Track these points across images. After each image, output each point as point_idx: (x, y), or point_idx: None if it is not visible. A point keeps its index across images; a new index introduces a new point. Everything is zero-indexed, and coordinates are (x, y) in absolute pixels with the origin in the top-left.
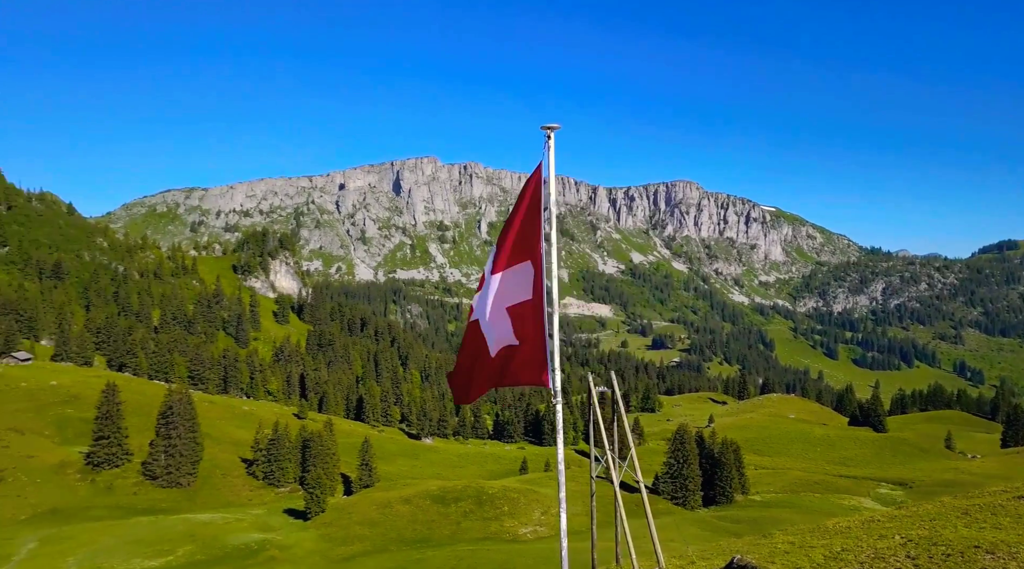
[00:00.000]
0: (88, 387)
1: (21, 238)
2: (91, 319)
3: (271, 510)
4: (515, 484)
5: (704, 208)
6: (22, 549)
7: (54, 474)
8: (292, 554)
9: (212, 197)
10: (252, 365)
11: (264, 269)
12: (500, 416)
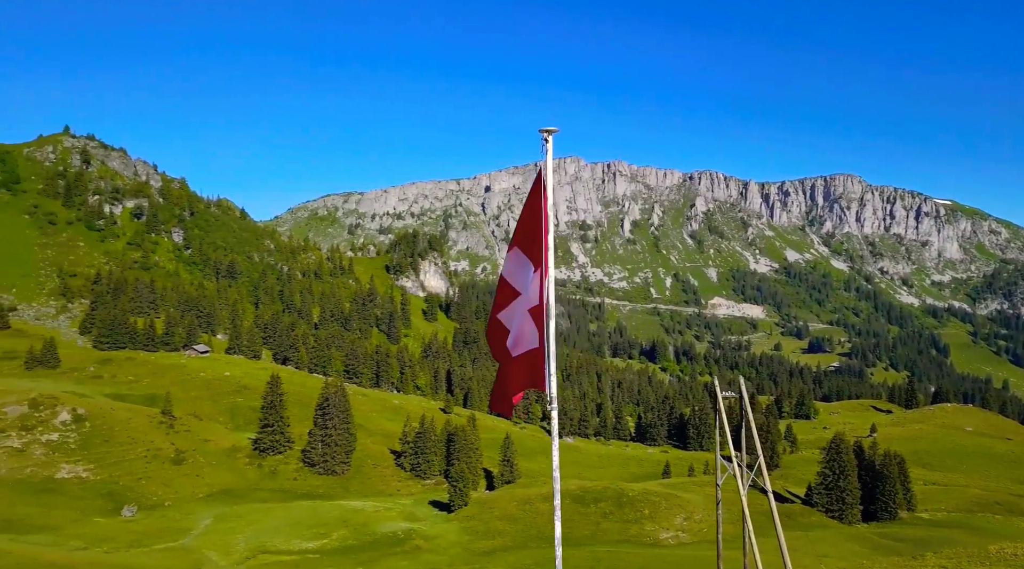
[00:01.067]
0: (256, 378)
1: (201, 241)
2: (259, 315)
3: (417, 501)
4: (656, 487)
5: (867, 202)
6: (200, 524)
7: (227, 457)
8: (436, 545)
9: (368, 201)
10: (402, 361)
11: (414, 269)
12: (643, 418)
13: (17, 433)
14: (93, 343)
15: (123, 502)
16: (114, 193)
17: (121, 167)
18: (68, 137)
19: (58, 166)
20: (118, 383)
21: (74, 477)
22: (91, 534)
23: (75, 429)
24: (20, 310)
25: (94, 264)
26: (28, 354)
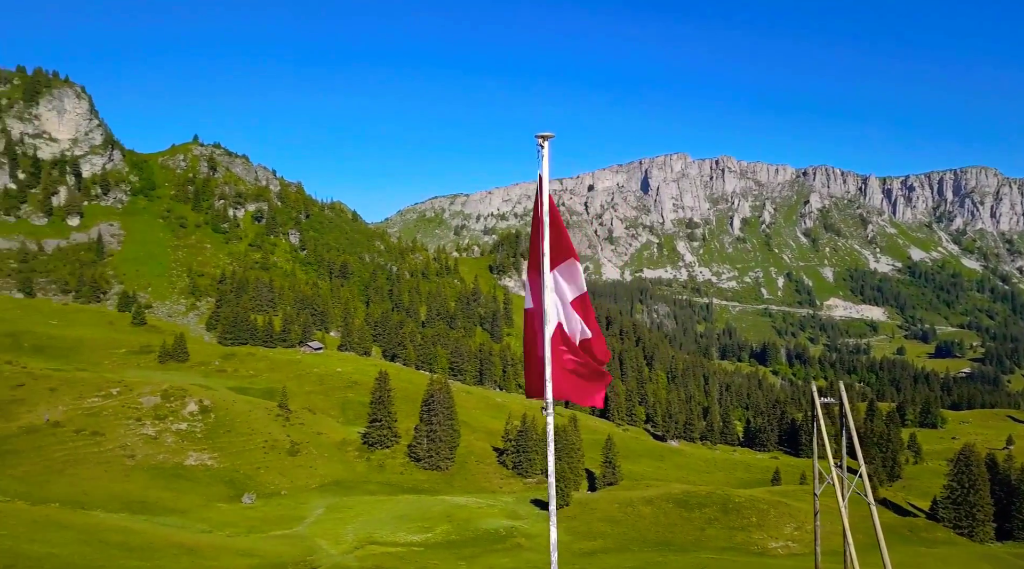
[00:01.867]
0: (366, 374)
1: (316, 242)
2: (370, 314)
3: (519, 499)
4: (765, 495)
5: (1004, 197)
6: (313, 513)
7: (337, 450)
8: (537, 543)
9: (473, 202)
10: (505, 359)
11: (516, 269)
12: (752, 423)
13: (151, 422)
14: (218, 339)
15: (243, 490)
16: (237, 197)
17: (244, 173)
18: (197, 145)
19: (188, 173)
20: (240, 377)
21: (200, 464)
22: (215, 519)
23: (201, 419)
24: (155, 307)
25: (219, 265)
26: (161, 348)
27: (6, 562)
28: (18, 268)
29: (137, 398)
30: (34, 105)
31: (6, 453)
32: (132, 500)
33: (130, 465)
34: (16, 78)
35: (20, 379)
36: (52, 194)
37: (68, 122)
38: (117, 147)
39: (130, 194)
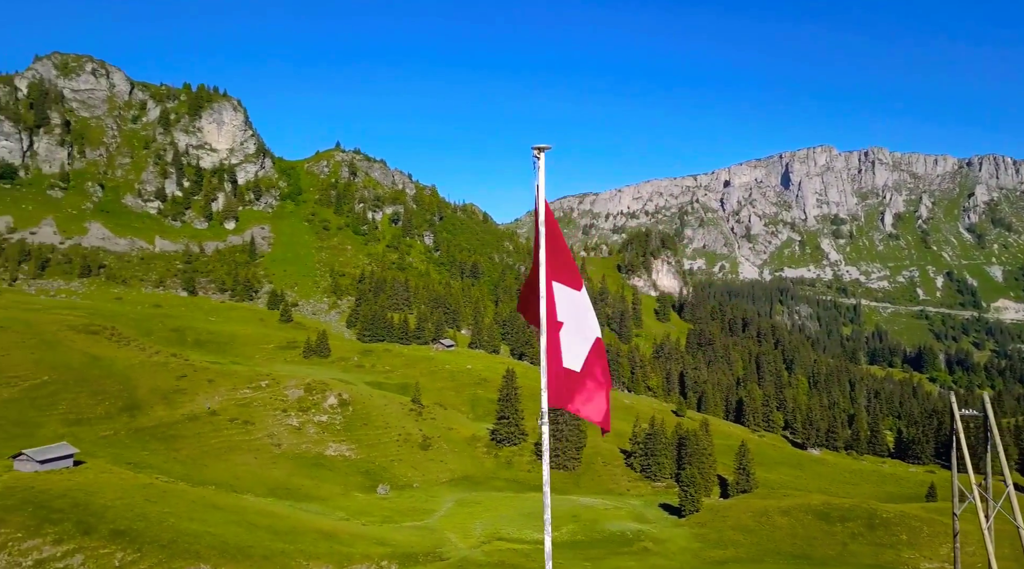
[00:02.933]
0: (494, 372)
1: (449, 244)
2: (499, 313)
3: (647, 502)
4: (918, 511)
5: None
6: (443, 506)
7: (467, 445)
8: (665, 548)
9: (602, 201)
10: (633, 360)
11: (646, 268)
12: (904, 433)
13: (296, 413)
14: (357, 336)
15: (378, 480)
16: (376, 201)
17: (382, 177)
18: (339, 152)
19: (331, 178)
20: (376, 372)
21: (339, 455)
22: (352, 507)
23: (340, 412)
24: (300, 305)
25: (359, 265)
26: (306, 344)
27: (169, 537)
28: (183, 268)
29: (283, 390)
30: (197, 118)
31: (171, 438)
32: (278, 486)
33: (276, 453)
34: (183, 94)
35: (183, 371)
36: (212, 200)
37: (226, 133)
38: (268, 155)
39: (279, 199)
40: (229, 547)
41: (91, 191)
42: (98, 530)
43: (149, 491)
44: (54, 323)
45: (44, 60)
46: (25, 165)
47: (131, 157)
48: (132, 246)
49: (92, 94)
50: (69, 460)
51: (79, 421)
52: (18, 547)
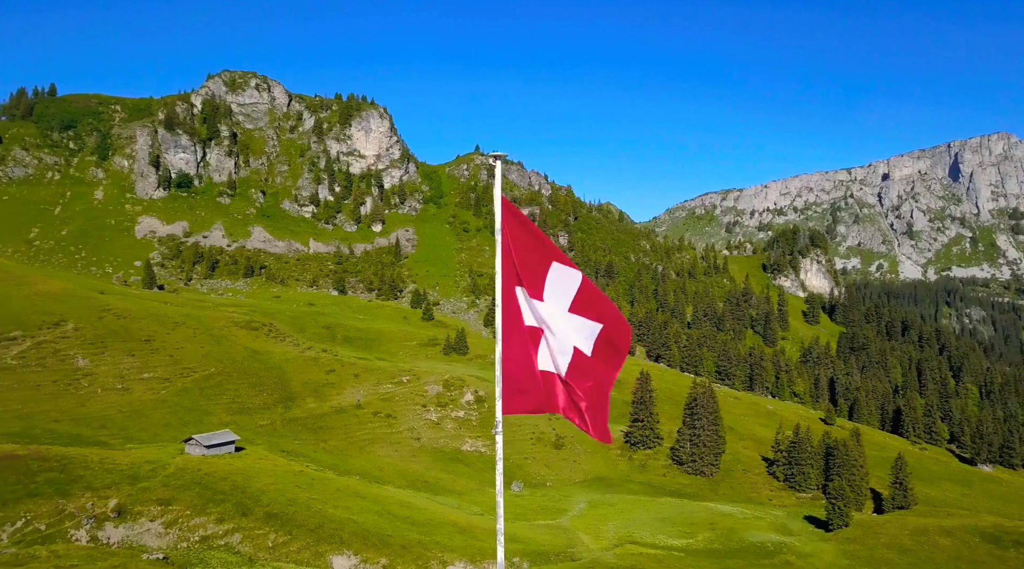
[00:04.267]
0: (629, 374)
1: (583, 243)
2: (634, 313)
3: (791, 514)
4: None
5: None
6: (575, 507)
7: (601, 447)
8: (809, 563)
9: (746, 197)
10: (778, 364)
11: (794, 267)
12: None
13: (435, 408)
14: (493, 334)
15: (512, 478)
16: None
17: (518, 179)
18: (478, 155)
19: (470, 181)
20: None
21: (475, 451)
22: (486, 503)
23: (476, 409)
24: (441, 304)
25: (493, 265)
26: (445, 341)
27: (316, 522)
28: (334, 269)
29: (423, 386)
30: (348, 127)
31: (320, 429)
32: (417, 479)
33: (416, 447)
34: (334, 104)
35: (332, 366)
36: (361, 205)
37: (373, 140)
38: (412, 160)
39: (422, 202)
40: (370, 535)
41: (254, 197)
42: (254, 512)
43: (300, 478)
44: (221, 320)
45: (215, 78)
46: (199, 174)
47: (289, 165)
48: (289, 248)
49: (255, 107)
50: (231, 446)
51: (241, 410)
52: (187, 523)
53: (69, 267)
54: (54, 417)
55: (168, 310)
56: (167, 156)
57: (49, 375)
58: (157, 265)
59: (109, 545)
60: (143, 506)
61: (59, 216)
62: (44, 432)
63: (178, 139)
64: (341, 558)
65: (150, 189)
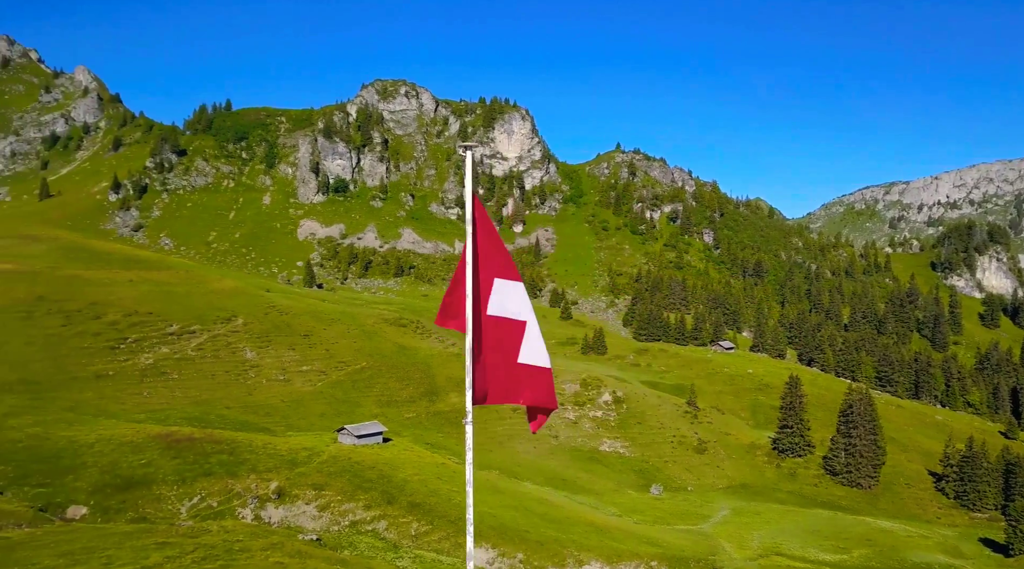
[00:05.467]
0: (778, 377)
1: (730, 241)
2: (785, 314)
3: (962, 534)
4: None
5: None
6: (717, 513)
7: (745, 453)
8: None
9: (913, 190)
10: (949, 371)
11: (968, 266)
12: None
13: (572, 407)
14: (633, 335)
15: (651, 480)
16: (654, 200)
17: (661, 176)
18: (619, 153)
19: (610, 179)
20: (651, 372)
21: (613, 451)
22: (624, 504)
23: (615, 409)
24: (580, 304)
25: (636, 264)
26: (583, 341)
27: (456, 514)
28: None
29: (561, 385)
30: (491, 130)
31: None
32: (554, 476)
33: (554, 445)
34: (478, 108)
35: None
36: (503, 206)
37: (515, 142)
38: (552, 160)
39: (562, 202)
40: (507, 529)
41: (404, 200)
42: (399, 501)
43: (441, 470)
44: (372, 317)
45: (368, 87)
46: (354, 180)
47: (436, 169)
48: (436, 249)
49: (405, 114)
50: (379, 437)
51: (389, 402)
52: (338, 508)
53: (240, 267)
54: (226, 404)
55: (325, 307)
56: (325, 163)
57: (222, 366)
58: (316, 265)
59: (270, 524)
60: (300, 490)
61: (233, 220)
62: (217, 417)
63: (335, 146)
64: (479, 550)
65: (310, 194)
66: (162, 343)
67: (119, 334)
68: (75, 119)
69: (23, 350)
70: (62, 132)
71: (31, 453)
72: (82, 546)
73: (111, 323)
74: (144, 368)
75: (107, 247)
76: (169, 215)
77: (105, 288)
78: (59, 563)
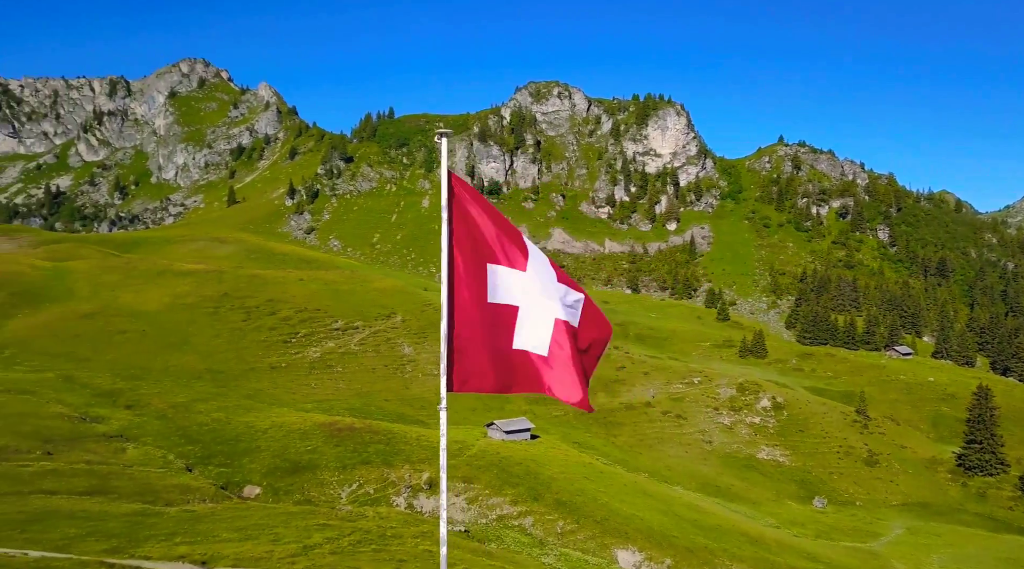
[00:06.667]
0: (965, 387)
1: (908, 237)
2: (975, 318)
3: None
4: None
5: None
6: (890, 532)
7: (924, 469)
8: None
9: None
10: None
11: None
12: None
13: (727, 412)
14: (797, 338)
15: (814, 492)
16: (821, 195)
17: (828, 169)
18: (782, 146)
19: (772, 174)
20: (816, 377)
21: (771, 459)
22: (783, 515)
23: (774, 415)
24: (738, 304)
25: (800, 263)
26: (741, 344)
27: (602, 514)
28: (628, 268)
29: (715, 388)
30: (644, 126)
31: (610, 424)
32: (706, 482)
33: (707, 450)
34: (631, 105)
35: (622, 363)
36: (655, 204)
37: (669, 138)
38: (709, 156)
39: (719, 198)
40: (655, 533)
41: (554, 201)
42: (544, 498)
43: (588, 470)
44: None
45: (522, 90)
46: (507, 182)
47: (587, 168)
48: (586, 248)
49: (557, 115)
50: (527, 434)
51: (537, 400)
52: (485, 502)
53: (401, 267)
54: (384, 397)
55: None
56: (480, 166)
57: (382, 360)
58: None
59: (421, 513)
60: (449, 481)
61: (394, 223)
62: (376, 409)
63: (489, 150)
64: (625, 553)
65: None
66: (328, 338)
67: (291, 329)
68: (258, 131)
69: (210, 342)
70: (247, 144)
71: (214, 435)
72: (254, 523)
73: (284, 319)
74: (312, 361)
75: (283, 248)
76: (337, 218)
77: (280, 286)
78: (234, 536)
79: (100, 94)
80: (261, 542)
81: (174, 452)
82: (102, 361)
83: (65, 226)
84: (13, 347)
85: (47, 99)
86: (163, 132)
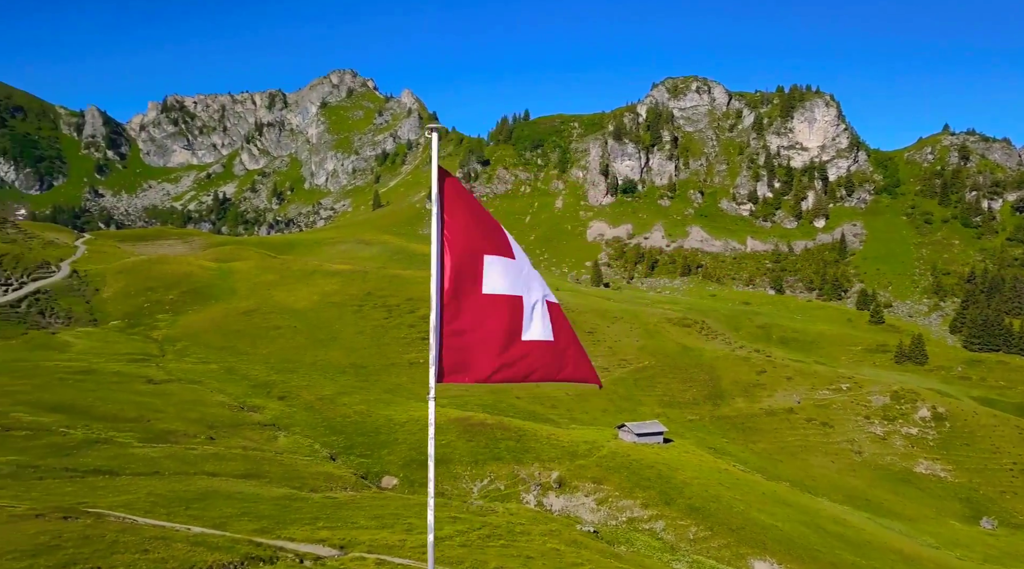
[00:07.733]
0: None
1: None
2: None
3: None
4: None
5: None
6: None
7: None
8: None
9: None
10: None
11: None
12: None
13: (879, 421)
14: (963, 343)
15: (982, 512)
16: (993, 187)
17: (1003, 158)
18: (947, 135)
19: (935, 166)
20: (986, 387)
21: (931, 474)
22: (943, 535)
23: (934, 427)
24: (894, 307)
25: (968, 262)
26: (898, 349)
27: (738, 523)
28: (771, 268)
29: (866, 396)
30: (789, 119)
31: (748, 429)
32: (855, 495)
33: (856, 461)
34: (775, 98)
35: (763, 366)
36: (801, 200)
37: (817, 131)
38: (862, 148)
39: (873, 193)
40: (795, 546)
41: (692, 198)
42: (676, 503)
43: (723, 476)
44: (655, 316)
45: (659, 86)
46: (642, 180)
47: (727, 164)
48: (726, 247)
49: (695, 110)
50: (659, 437)
51: (670, 403)
52: (615, 504)
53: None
54: (516, 394)
55: (609, 305)
56: (615, 165)
57: None
58: (604, 265)
59: (550, 512)
60: (579, 481)
61: (529, 223)
62: (508, 406)
63: (624, 148)
64: (763, 564)
65: (599, 196)
66: None
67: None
68: (400, 137)
69: (355, 338)
70: (390, 149)
71: (356, 427)
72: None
73: (422, 316)
74: None
75: (423, 249)
76: None
77: (419, 286)
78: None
79: (260, 107)
80: (396, 531)
81: (319, 442)
82: (258, 355)
83: (230, 230)
84: (185, 340)
85: (216, 113)
86: (315, 140)
